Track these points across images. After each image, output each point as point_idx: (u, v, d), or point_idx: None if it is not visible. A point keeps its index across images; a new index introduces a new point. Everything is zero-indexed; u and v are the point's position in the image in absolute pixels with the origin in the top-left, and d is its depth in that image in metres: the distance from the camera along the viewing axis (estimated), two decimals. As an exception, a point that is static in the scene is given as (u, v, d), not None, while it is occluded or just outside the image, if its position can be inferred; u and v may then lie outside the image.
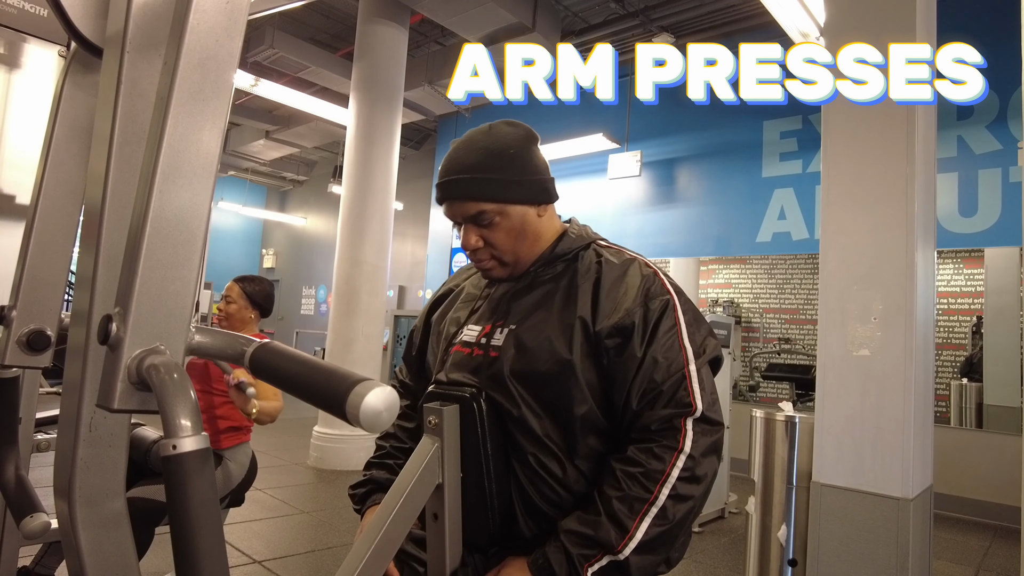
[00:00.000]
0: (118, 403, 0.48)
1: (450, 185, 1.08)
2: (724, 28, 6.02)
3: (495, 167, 1.07)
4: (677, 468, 0.96)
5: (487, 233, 1.08)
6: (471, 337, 1.12)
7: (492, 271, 1.13)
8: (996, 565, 3.79)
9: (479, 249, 1.10)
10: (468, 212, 1.07)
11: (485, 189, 1.06)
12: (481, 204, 1.06)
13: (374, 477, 1.23)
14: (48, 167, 0.84)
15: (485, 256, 1.10)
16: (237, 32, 0.53)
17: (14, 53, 2.70)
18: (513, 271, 1.12)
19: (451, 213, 1.10)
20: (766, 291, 9.38)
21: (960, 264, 7.70)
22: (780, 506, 2.48)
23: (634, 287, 1.05)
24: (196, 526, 0.44)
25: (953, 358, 7.57)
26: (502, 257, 1.10)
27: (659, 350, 1.01)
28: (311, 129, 9.41)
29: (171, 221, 0.49)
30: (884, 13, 2.38)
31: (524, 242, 1.10)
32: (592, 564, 0.93)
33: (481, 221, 1.08)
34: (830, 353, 2.38)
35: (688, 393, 0.99)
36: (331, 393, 0.46)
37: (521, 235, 1.10)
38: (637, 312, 1.02)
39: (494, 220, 1.07)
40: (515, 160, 1.08)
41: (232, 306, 2.56)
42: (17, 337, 0.81)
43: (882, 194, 2.33)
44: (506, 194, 1.07)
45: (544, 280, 1.11)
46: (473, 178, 1.06)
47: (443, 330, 1.20)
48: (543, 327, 1.05)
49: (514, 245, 1.10)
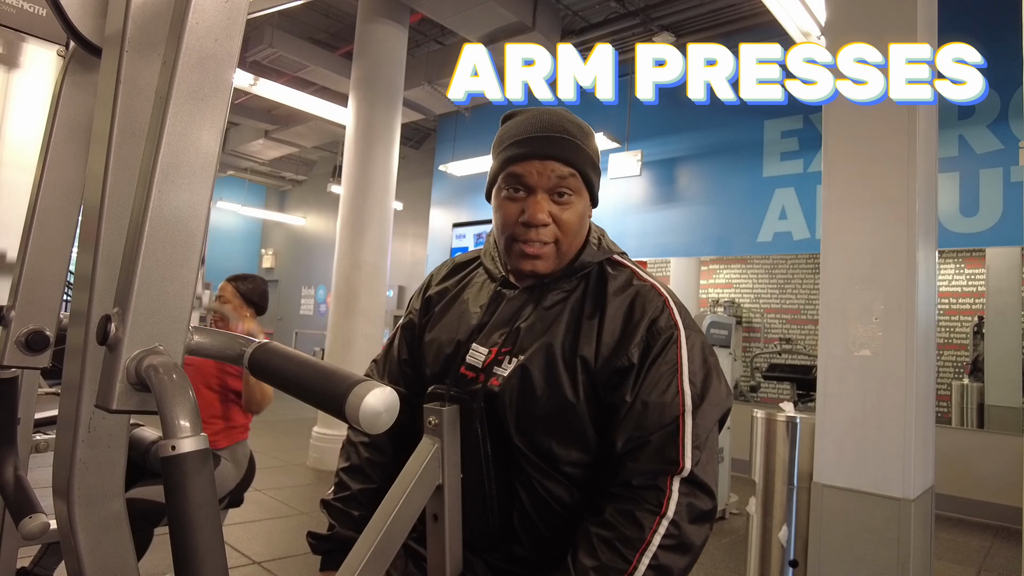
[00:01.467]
0: (117, 404, 0.48)
1: (545, 141, 0.95)
2: (724, 27, 6.02)
3: (590, 144, 1.00)
4: (659, 535, 0.84)
5: (557, 211, 0.96)
6: (476, 361, 1.01)
7: (542, 262, 0.98)
8: (997, 566, 3.79)
9: (545, 228, 0.95)
10: (559, 174, 0.95)
11: (583, 159, 0.97)
12: (574, 171, 0.96)
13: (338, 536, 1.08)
14: (47, 167, 0.84)
15: (549, 237, 0.96)
16: (236, 31, 0.53)
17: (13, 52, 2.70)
18: (554, 268, 0.99)
19: (533, 172, 0.95)
20: (767, 291, 9.38)
21: (961, 264, 7.70)
22: (781, 507, 2.48)
23: (637, 321, 0.94)
24: (195, 527, 0.44)
25: (955, 358, 7.57)
26: (561, 243, 0.97)
27: (652, 393, 0.90)
28: (310, 128, 9.41)
29: (170, 221, 0.49)
30: (884, 13, 2.38)
31: (579, 237, 1.00)
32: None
33: (562, 192, 0.96)
34: (831, 353, 2.38)
35: (678, 448, 0.87)
36: (330, 394, 0.46)
37: (581, 227, 1.00)
38: (636, 352, 0.92)
39: (571, 198, 0.97)
40: (594, 142, 1.02)
41: (227, 306, 2.56)
42: (16, 337, 0.80)
43: (883, 194, 2.33)
44: (592, 175, 0.99)
45: (556, 300, 1.00)
46: (575, 142, 0.97)
47: (440, 348, 1.06)
48: (550, 365, 0.95)
49: (575, 234, 0.98)
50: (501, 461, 1.00)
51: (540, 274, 0.99)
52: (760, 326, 9.38)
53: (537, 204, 0.96)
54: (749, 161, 6.00)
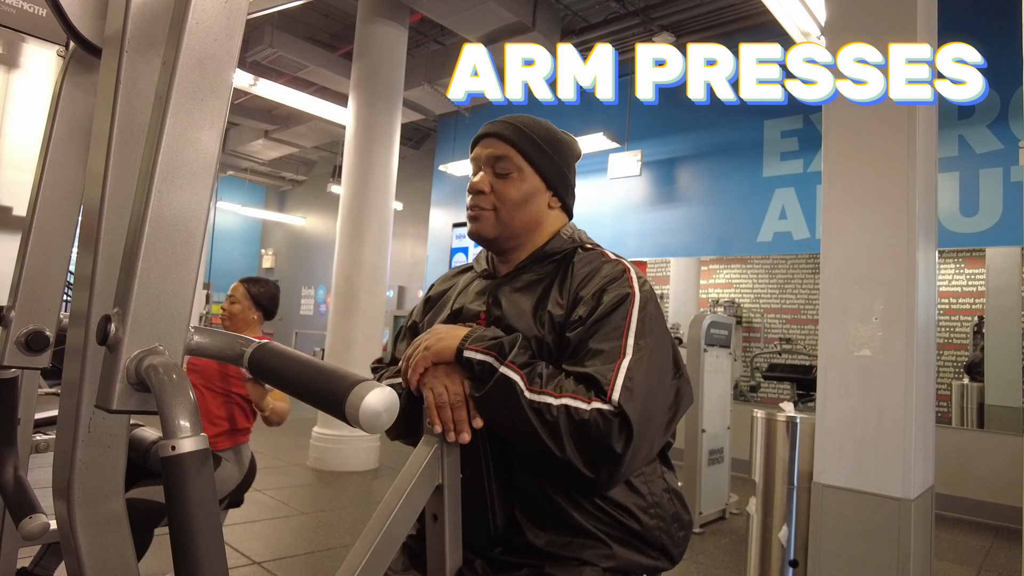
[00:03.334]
0: (117, 404, 0.48)
1: (495, 124, 1.15)
2: (724, 27, 6.02)
3: (539, 133, 1.15)
4: (578, 402, 0.92)
5: (498, 184, 1.12)
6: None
7: (482, 224, 1.13)
8: (997, 566, 3.79)
9: (483, 194, 1.12)
10: (495, 152, 1.12)
11: (522, 140, 1.13)
12: (509, 149, 1.12)
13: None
14: (47, 167, 0.84)
15: (486, 204, 1.12)
16: (236, 31, 0.53)
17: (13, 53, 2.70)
18: (500, 235, 1.13)
19: (479, 153, 1.14)
20: (767, 291, 9.38)
21: (961, 264, 7.70)
22: (781, 507, 2.48)
23: (596, 283, 1.04)
24: (195, 527, 0.44)
25: (955, 358, 7.57)
26: (499, 212, 1.12)
27: (596, 340, 0.98)
28: (310, 129, 9.41)
29: (170, 221, 0.49)
30: (884, 13, 2.38)
31: (524, 214, 1.13)
32: (487, 354, 0.95)
33: (500, 168, 1.12)
34: (831, 353, 2.38)
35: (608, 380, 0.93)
36: (330, 394, 0.46)
37: (525, 204, 1.12)
38: (589, 304, 1.01)
39: (511, 173, 1.12)
40: (558, 144, 1.17)
41: (236, 306, 2.57)
42: (16, 337, 0.80)
43: (883, 194, 2.33)
44: (534, 156, 1.13)
45: (530, 281, 1.12)
46: (517, 127, 1.13)
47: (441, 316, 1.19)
48: (522, 321, 1.06)
49: (514, 208, 1.12)
50: (501, 461, 1.00)
51: (486, 237, 1.14)
52: (760, 326, 9.38)
53: (479, 177, 1.14)
54: (749, 161, 5.99)
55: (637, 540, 1.01)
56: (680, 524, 1.07)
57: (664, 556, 1.05)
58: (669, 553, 1.05)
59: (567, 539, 0.99)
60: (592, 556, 0.98)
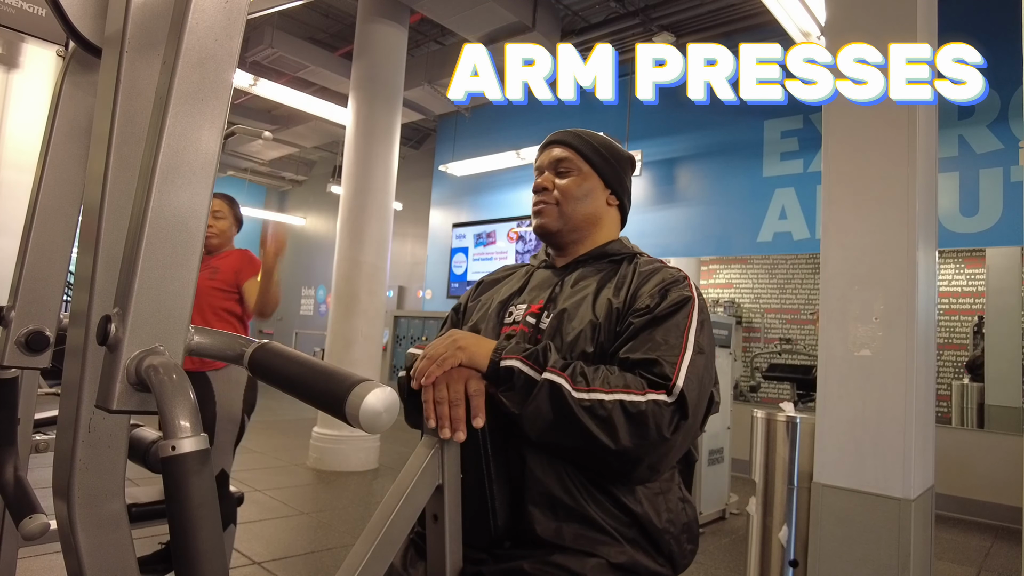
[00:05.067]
0: (117, 404, 0.48)
1: (556, 134, 1.27)
2: (724, 27, 6.02)
3: (598, 141, 1.26)
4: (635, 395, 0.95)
5: (560, 181, 1.22)
6: (517, 314, 1.18)
7: (545, 217, 1.22)
8: (998, 566, 3.79)
9: (546, 190, 1.22)
10: (558, 156, 1.23)
11: (582, 145, 1.24)
12: (570, 151, 1.23)
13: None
14: (47, 167, 0.84)
15: (549, 199, 1.22)
16: (236, 32, 0.53)
17: (12, 53, 2.70)
18: (562, 228, 1.22)
19: (543, 159, 1.25)
20: (767, 291, 9.38)
21: (961, 264, 7.70)
22: (781, 507, 2.48)
23: (659, 280, 1.11)
24: (195, 527, 0.44)
25: (955, 358, 7.57)
26: (562, 205, 1.21)
27: (661, 333, 1.03)
28: (310, 129, 9.41)
29: (170, 221, 0.49)
30: (884, 13, 2.38)
31: (585, 207, 1.22)
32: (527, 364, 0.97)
33: (561, 168, 1.23)
34: (831, 353, 2.38)
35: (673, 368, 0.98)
36: (331, 394, 0.46)
37: (585, 199, 1.22)
38: (655, 298, 1.07)
39: (571, 172, 1.23)
40: (615, 150, 1.28)
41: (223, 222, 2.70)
42: (16, 338, 0.80)
43: (883, 194, 2.32)
44: (593, 158, 1.24)
45: (588, 274, 1.19)
46: (578, 135, 1.26)
47: (489, 308, 1.23)
48: (582, 307, 1.11)
49: (576, 202, 1.21)
50: (501, 460, 1.00)
51: (549, 230, 1.22)
52: (760, 326, 9.38)
53: (542, 177, 1.25)
54: (749, 161, 5.99)
55: (647, 543, 1.02)
56: (690, 536, 1.09)
57: (669, 564, 1.05)
58: (675, 562, 1.06)
59: (579, 532, 0.99)
60: (601, 550, 0.98)
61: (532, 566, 0.97)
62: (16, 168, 2.66)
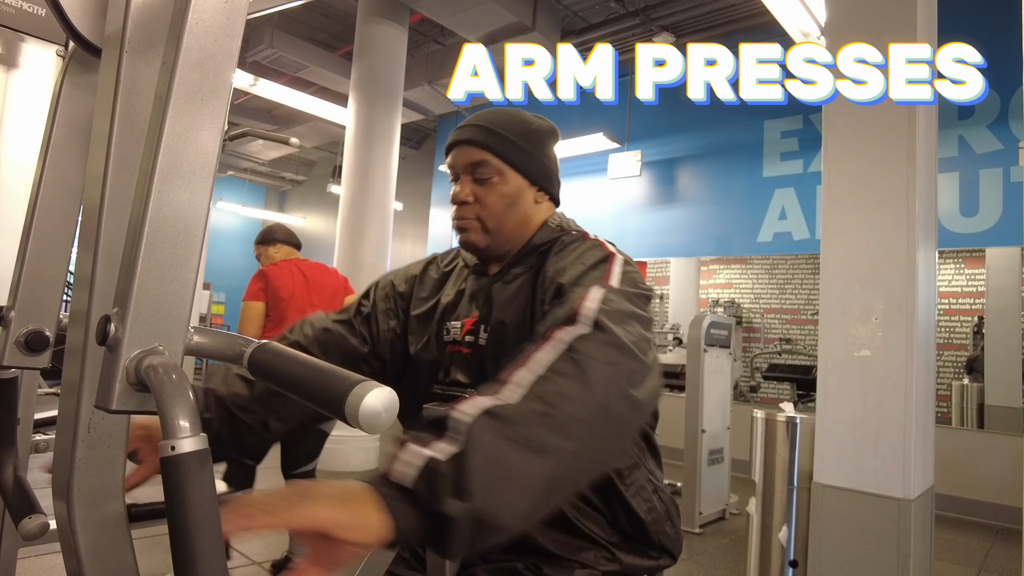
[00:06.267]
0: (117, 404, 0.48)
1: (463, 130, 1.09)
2: (724, 27, 6.02)
3: (512, 129, 1.08)
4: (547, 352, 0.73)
5: (480, 191, 1.07)
6: (454, 333, 1.08)
7: (471, 234, 1.08)
8: (997, 566, 3.79)
9: (467, 205, 1.07)
10: (471, 159, 1.07)
11: (497, 143, 1.07)
12: (486, 154, 1.06)
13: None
14: (47, 167, 0.84)
15: (470, 214, 1.07)
16: (236, 32, 0.53)
17: (12, 52, 2.70)
18: (491, 243, 1.08)
19: (455, 161, 1.09)
20: (767, 291, 9.38)
21: (961, 264, 7.70)
22: (781, 507, 2.48)
23: (575, 253, 0.99)
24: (195, 527, 0.44)
25: (955, 358, 7.56)
26: (486, 221, 1.07)
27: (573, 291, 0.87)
28: (310, 129, 9.41)
29: (170, 222, 0.49)
30: (884, 13, 2.38)
31: (513, 216, 1.08)
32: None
33: (480, 174, 1.06)
34: (831, 353, 2.38)
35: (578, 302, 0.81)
36: (330, 394, 0.46)
37: (512, 207, 1.07)
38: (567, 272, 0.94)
39: (492, 179, 1.06)
40: (533, 135, 1.10)
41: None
42: (16, 338, 0.80)
43: (883, 194, 2.33)
44: (514, 157, 1.07)
45: (517, 275, 1.08)
46: (488, 128, 1.08)
47: (431, 325, 1.13)
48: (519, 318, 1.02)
49: (503, 214, 1.07)
50: None
51: (477, 247, 1.09)
52: (760, 326, 9.38)
53: (460, 186, 1.08)
54: (749, 161, 5.99)
55: (637, 542, 1.01)
56: (671, 521, 1.06)
57: (665, 554, 1.04)
58: (669, 550, 1.05)
59: (565, 540, 0.99)
60: (590, 559, 0.98)
61: (525, 566, 0.97)
62: (16, 168, 2.66)
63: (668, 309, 8.94)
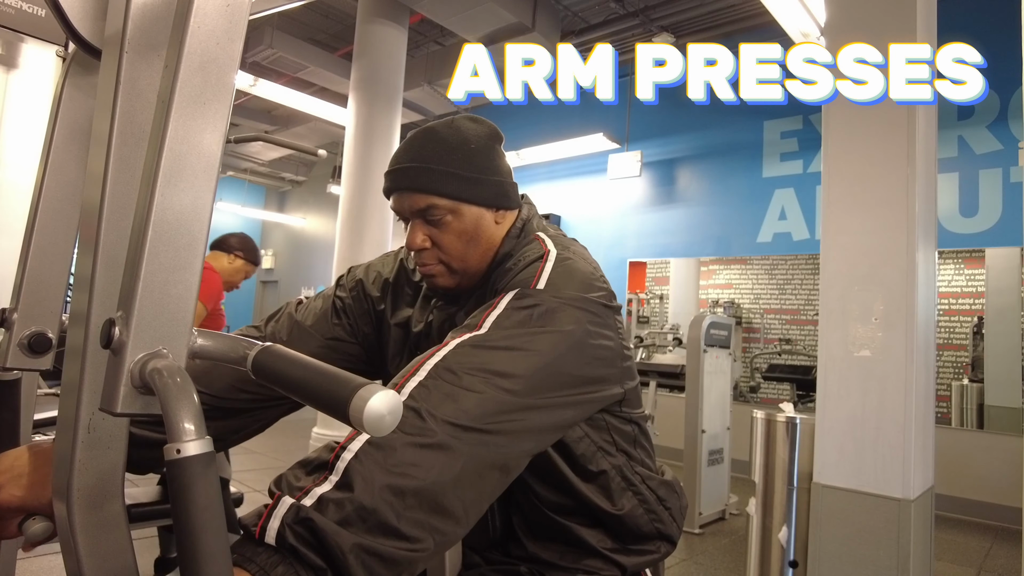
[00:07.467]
0: (121, 407, 0.48)
1: (400, 174, 0.97)
2: (724, 28, 6.03)
3: (453, 160, 0.96)
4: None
5: (436, 233, 0.97)
6: None
7: (437, 279, 1.00)
8: (997, 566, 3.79)
9: (425, 251, 0.98)
10: (417, 206, 0.96)
11: (439, 182, 0.95)
12: (432, 198, 0.95)
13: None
14: (48, 168, 0.84)
15: (431, 259, 0.98)
16: (238, 34, 0.53)
17: (11, 53, 2.69)
18: (462, 281, 1.00)
19: (399, 206, 0.98)
20: (767, 292, 9.38)
21: (961, 264, 7.70)
22: (781, 507, 2.48)
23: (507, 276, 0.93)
24: (200, 530, 0.44)
25: (955, 358, 7.57)
26: (450, 263, 0.98)
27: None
28: (310, 129, 9.41)
29: (173, 224, 0.49)
30: (884, 13, 2.38)
31: (476, 249, 0.99)
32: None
33: (430, 217, 0.96)
34: (831, 354, 2.38)
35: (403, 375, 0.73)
36: (334, 397, 0.46)
37: (474, 240, 0.98)
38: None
39: (445, 219, 0.96)
40: (475, 156, 0.98)
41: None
42: (18, 340, 0.80)
43: (883, 194, 2.33)
44: (462, 191, 0.96)
45: (484, 297, 0.98)
46: (427, 168, 0.95)
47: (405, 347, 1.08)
48: None
49: (464, 251, 0.98)
50: None
51: (448, 289, 1.01)
52: (760, 327, 9.38)
53: (411, 233, 0.98)
54: (749, 161, 6.00)
55: (633, 542, 1.01)
56: (664, 504, 1.03)
57: (664, 541, 1.03)
58: (667, 536, 1.03)
59: (564, 549, 0.98)
60: (591, 565, 0.98)
61: (529, 570, 0.97)
62: (16, 169, 2.66)
63: (668, 309, 8.95)
